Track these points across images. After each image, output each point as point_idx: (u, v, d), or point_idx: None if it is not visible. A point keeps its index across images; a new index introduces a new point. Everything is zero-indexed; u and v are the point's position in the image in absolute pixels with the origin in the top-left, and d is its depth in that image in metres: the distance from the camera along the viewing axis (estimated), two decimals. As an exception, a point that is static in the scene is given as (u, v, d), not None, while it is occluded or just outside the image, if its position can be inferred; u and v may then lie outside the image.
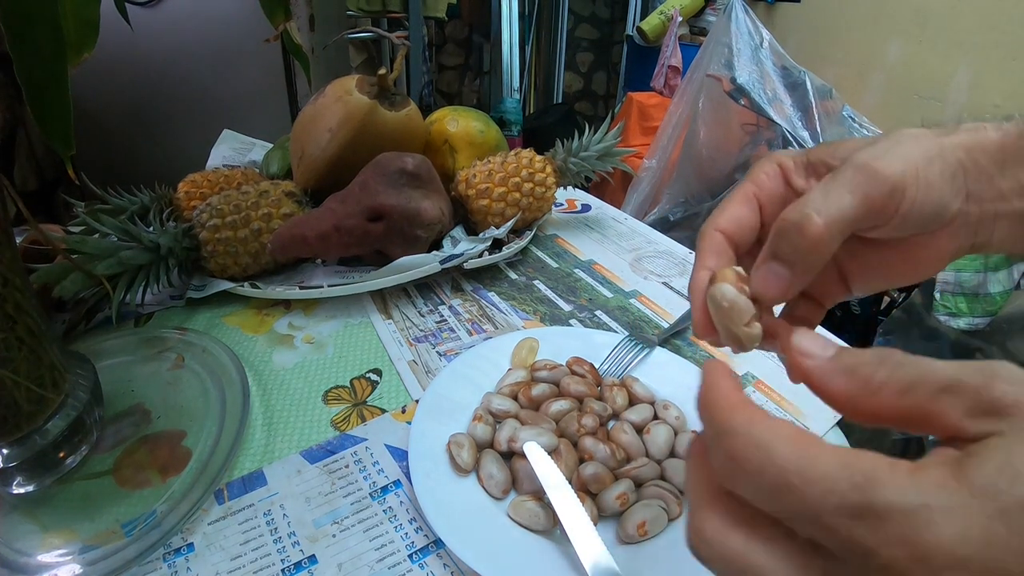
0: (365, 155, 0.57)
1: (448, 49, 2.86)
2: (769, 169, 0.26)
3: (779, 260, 0.22)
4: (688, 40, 2.11)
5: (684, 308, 0.55)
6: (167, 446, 0.39)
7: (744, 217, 0.25)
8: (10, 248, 0.33)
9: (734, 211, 0.25)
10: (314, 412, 0.43)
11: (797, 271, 0.22)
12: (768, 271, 0.22)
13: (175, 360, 0.46)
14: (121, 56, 1.01)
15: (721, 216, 0.25)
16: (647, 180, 1.78)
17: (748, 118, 1.54)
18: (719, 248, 0.25)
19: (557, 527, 0.33)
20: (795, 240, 0.21)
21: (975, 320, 1.11)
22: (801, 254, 0.21)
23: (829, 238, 0.21)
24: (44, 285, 0.45)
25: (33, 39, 0.28)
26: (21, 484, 0.35)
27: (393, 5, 1.80)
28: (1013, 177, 0.23)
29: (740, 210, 0.25)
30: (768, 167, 0.26)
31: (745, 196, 0.26)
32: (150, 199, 0.61)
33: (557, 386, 0.42)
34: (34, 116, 0.29)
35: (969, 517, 0.14)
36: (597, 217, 0.77)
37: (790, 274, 0.22)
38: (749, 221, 0.25)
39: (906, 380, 0.17)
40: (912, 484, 0.15)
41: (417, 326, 0.53)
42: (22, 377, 0.33)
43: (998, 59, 1.34)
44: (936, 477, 0.15)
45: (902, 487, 0.15)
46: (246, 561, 0.33)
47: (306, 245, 0.52)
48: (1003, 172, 0.23)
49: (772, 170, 0.26)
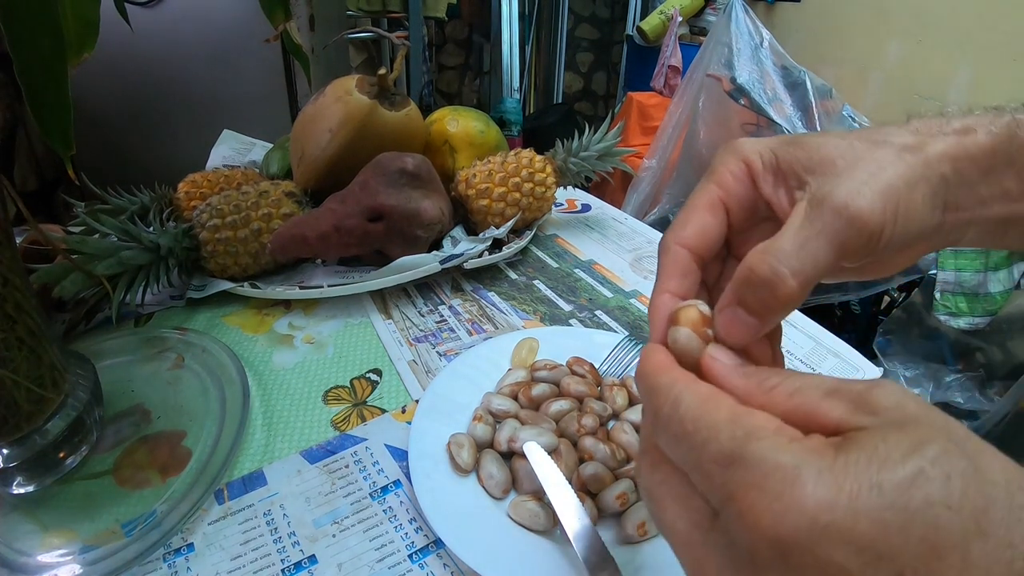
0: (365, 155, 0.57)
1: (448, 49, 2.86)
2: (735, 168, 0.24)
3: (746, 309, 0.21)
4: (688, 40, 2.11)
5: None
6: (167, 446, 0.39)
7: (710, 227, 0.24)
8: (10, 248, 0.33)
9: (699, 221, 0.24)
10: (314, 412, 0.43)
11: (765, 321, 0.21)
12: (735, 317, 0.21)
13: (175, 360, 0.46)
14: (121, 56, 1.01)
15: (685, 228, 0.24)
16: (647, 180, 1.78)
17: (748, 118, 1.54)
18: (683, 267, 0.23)
19: (557, 527, 0.33)
20: (764, 295, 0.20)
21: (975, 320, 1.11)
22: (769, 309, 0.21)
23: (801, 294, 0.20)
24: (44, 285, 0.45)
25: (33, 39, 0.28)
26: (21, 484, 0.35)
27: (393, 5, 1.81)
28: (996, 183, 0.22)
29: (706, 219, 0.24)
30: (734, 165, 0.24)
31: (711, 202, 0.24)
32: (150, 199, 0.61)
33: (557, 386, 0.42)
34: (34, 116, 0.29)
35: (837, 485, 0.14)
36: (597, 217, 0.77)
37: (758, 324, 0.21)
38: (715, 231, 0.24)
39: (795, 385, 0.18)
40: (789, 446, 0.16)
41: (417, 326, 0.53)
42: (22, 377, 0.33)
43: (998, 59, 1.34)
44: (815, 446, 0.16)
45: (777, 445, 0.16)
46: (246, 561, 0.33)
47: (306, 245, 0.52)
48: (987, 179, 0.23)
49: (739, 170, 0.24)
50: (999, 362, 1.09)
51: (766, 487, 0.15)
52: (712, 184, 0.24)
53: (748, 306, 0.21)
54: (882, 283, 1.25)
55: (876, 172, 0.21)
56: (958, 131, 0.23)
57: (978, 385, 1.09)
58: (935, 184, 0.22)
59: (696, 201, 0.24)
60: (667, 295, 0.23)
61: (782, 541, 0.15)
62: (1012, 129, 0.22)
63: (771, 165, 0.23)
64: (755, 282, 0.20)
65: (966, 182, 0.22)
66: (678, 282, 0.23)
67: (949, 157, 0.22)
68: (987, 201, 0.23)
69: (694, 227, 0.23)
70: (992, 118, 0.23)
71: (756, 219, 0.24)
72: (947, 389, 1.10)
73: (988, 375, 1.09)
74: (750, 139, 0.24)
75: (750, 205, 0.24)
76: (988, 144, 0.22)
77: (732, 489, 0.16)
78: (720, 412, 0.17)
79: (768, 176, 0.23)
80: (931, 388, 1.11)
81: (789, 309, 0.21)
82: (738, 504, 0.15)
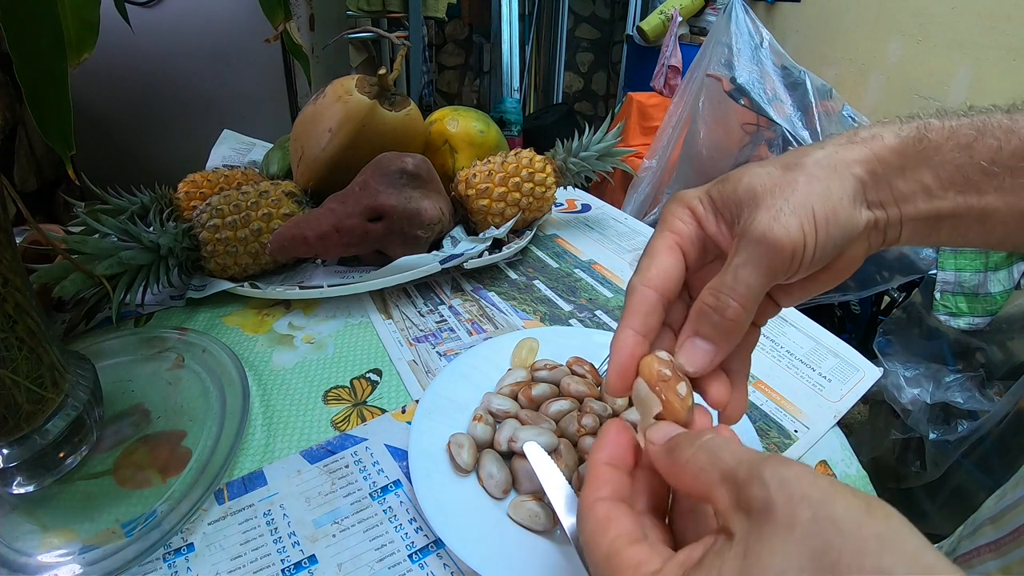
0: (365, 155, 0.57)
1: (448, 49, 2.86)
2: (682, 215, 0.27)
3: (703, 337, 0.25)
4: (688, 40, 2.11)
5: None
6: (167, 446, 0.39)
7: (671, 268, 0.26)
8: (10, 248, 0.33)
9: (661, 263, 0.26)
10: (314, 412, 0.43)
11: (721, 346, 0.25)
12: (694, 346, 0.25)
13: (175, 360, 0.46)
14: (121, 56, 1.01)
15: (650, 271, 0.26)
16: (647, 180, 1.78)
17: (748, 118, 1.54)
18: (648, 307, 0.26)
19: (557, 527, 0.33)
20: (715, 320, 0.24)
21: (975, 320, 1.11)
22: (722, 332, 0.24)
23: (746, 315, 0.24)
24: (44, 285, 0.45)
25: (33, 39, 0.28)
26: (21, 484, 0.35)
27: (393, 5, 1.81)
28: (913, 179, 0.24)
29: (667, 261, 0.26)
30: (680, 212, 0.27)
31: (668, 246, 0.27)
32: (150, 199, 0.61)
33: (557, 386, 0.42)
34: (34, 116, 0.29)
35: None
36: (597, 217, 0.77)
37: (715, 349, 0.25)
38: (675, 272, 0.26)
39: (698, 465, 0.20)
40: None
41: (417, 326, 0.53)
42: (22, 377, 0.33)
43: (998, 59, 1.34)
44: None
45: None
46: (246, 561, 0.33)
47: (306, 245, 0.52)
48: (902, 175, 0.25)
49: (685, 216, 0.27)
50: (999, 362, 1.09)
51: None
52: (666, 231, 0.27)
53: (704, 334, 0.25)
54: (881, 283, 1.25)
55: (789, 194, 0.24)
56: (866, 139, 0.25)
57: (978, 385, 1.09)
58: (851, 185, 0.24)
59: (654, 247, 0.27)
60: (629, 331, 0.25)
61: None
62: (920, 131, 0.25)
63: (710, 206, 0.26)
64: (706, 312, 0.24)
65: (881, 181, 0.25)
66: (641, 320, 0.25)
67: (858, 161, 0.25)
68: (908, 197, 0.25)
69: (656, 269, 0.26)
70: (900, 124, 0.25)
71: (708, 258, 0.28)
72: (947, 389, 1.10)
73: (988, 375, 1.09)
74: (690, 189, 0.27)
75: (700, 244, 0.27)
76: (896, 145, 0.25)
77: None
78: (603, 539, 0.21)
79: (710, 216, 0.26)
80: (931, 388, 1.11)
81: (738, 331, 0.24)
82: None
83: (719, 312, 0.24)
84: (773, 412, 0.45)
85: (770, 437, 0.43)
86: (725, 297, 0.24)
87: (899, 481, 1.16)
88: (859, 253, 0.26)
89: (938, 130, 0.24)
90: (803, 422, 0.44)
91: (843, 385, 0.48)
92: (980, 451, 1.02)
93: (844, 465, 0.41)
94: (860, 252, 0.26)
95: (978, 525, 0.40)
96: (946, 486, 1.08)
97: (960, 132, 0.24)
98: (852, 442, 0.43)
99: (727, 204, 0.26)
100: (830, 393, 0.47)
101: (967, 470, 1.04)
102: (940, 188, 0.24)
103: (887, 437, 1.20)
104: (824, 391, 0.47)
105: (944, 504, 1.09)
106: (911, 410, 1.12)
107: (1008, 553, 0.36)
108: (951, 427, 1.08)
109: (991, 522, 0.39)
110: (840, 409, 0.45)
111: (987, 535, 0.38)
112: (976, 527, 0.40)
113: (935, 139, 0.24)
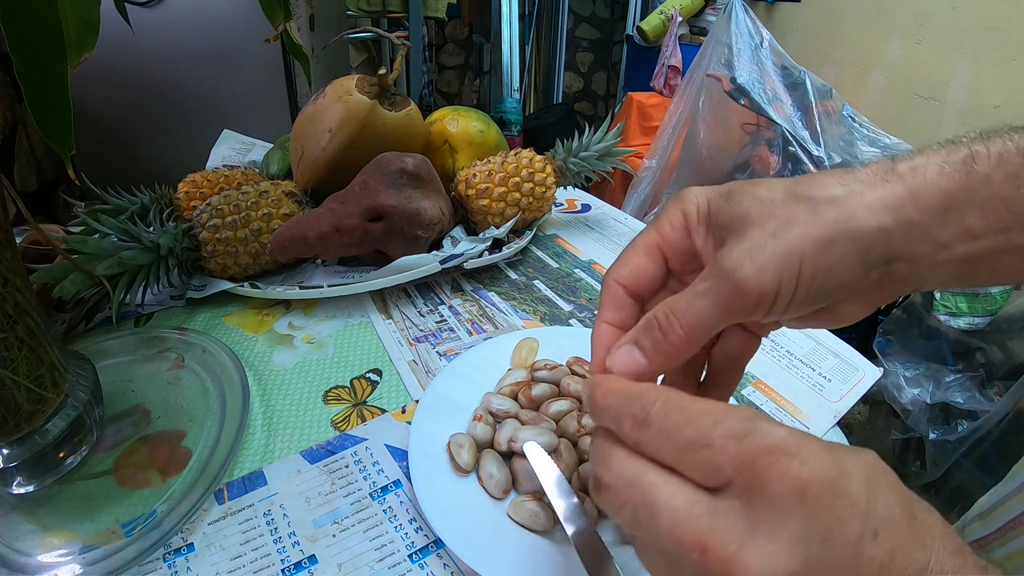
0: (365, 155, 0.57)
1: (448, 49, 2.86)
2: (674, 218, 0.25)
3: (640, 349, 0.23)
4: (688, 40, 2.11)
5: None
6: (167, 446, 0.39)
7: (645, 269, 0.25)
8: (10, 248, 0.33)
9: (635, 263, 0.25)
10: (314, 412, 0.43)
11: (654, 363, 0.23)
12: (628, 353, 0.23)
13: (175, 360, 0.46)
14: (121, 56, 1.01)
15: (623, 268, 0.26)
16: (647, 180, 1.78)
17: (748, 118, 1.54)
18: (619, 302, 0.25)
19: (557, 527, 0.33)
20: (657, 339, 0.23)
21: (975, 320, 1.11)
22: (660, 352, 0.23)
23: (688, 343, 0.22)
24: (44, 285, 0.45)
25: (33, 39, 0.28)
26: (21, 484, 0.35)
27: (393, 5, 1.81)
28: (956, 223, 0.21)
29: (642, 262, 0.25)
30: (674, 215, 0.25)
31: (648, 247, 0.25)
32: (150, 199, 0.61)
33: (557, 386, 0.42)
34: (34, 116, 0.29)
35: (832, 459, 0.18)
36: (597, 217, 0.77)
37: (647, 363, 0.23)
38: (650, 273, 0.25)
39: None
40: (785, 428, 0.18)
41: (417, 326, 0.53)
42: (22, 377, 0.33)
43: (998, 59, 1.34)
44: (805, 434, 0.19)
45: (777, 427, 0.18)
46: (246, 561, 0.33)
47: (306, 245, 0.52)
48: (944, 220, 0.21)
49: (677, 220, 0.25)
50: (999, 362, 1.09)
51: (786, 448, 0.17)
52: (652, 231, 0.26)
53: (643, 347, 0.23)
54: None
55: (781, 230, 0.21)
56: (904, 174, 0.22)
57: (978, 385, 1.09)
58: (866, 238, 0.21)
59: (636, 243, 0.26)
60: (605, 325, 0.25)
61: (804, 487, 0.17)
62: (968, 164, 0.21)
63: (704, 217, 0.24)
64: (651, 327, 0.23)
65: (916, 228, 0.21)
66: (615, 314, 0.25)
67: (888, 207, 0.21)
68: (948, 244, 0.21)
69: (630, 268, 0.25)
70: (946, 155, 0.22)
71: (695, 264, 0.25)
72: (947, 389, 1.10)
73: (988, 375, 1.09)
74: (696, 188, 0.25)
75: (685, 252, 0.25)
76: (941, 184, 0.21)
77: (754, 453, 0.18)
78: (719, 404, 0.19)
79: (700, 228, 0.24)
80: (931, 388, 1.11)
81: (677, 356, 0.23)
82: (762, 462, 0.17)
83: (663, 332, 0.22)
84: (773, 412, 0.45)
85: (770, 437, 0.43)
86: (673, 320, 0.22)
87: (899, 481, 1.16)
88: (868, 304, 0.24)
89: (985, 159, 0.21)
90: (803, 422, 0.44)
91: (843, 385, 0.48)
92: (980, 451, 1.02)
93: (844, 465, 0.41)
94: (870, 303, 0.24)
95: (968, 522, 0.40)
96: (946, 486, 1.09)
97: (1008, 159, 0.21)
98: (852, 442, 0.43)
99: (720, 222, 0.23)
100: (830, 393, 0.47)
101: (967, 470, 1.04)
102: (984, 228, 0.21)
103: (887, 437, 1.20)
104: (824, 391, 0.47)
105: (944, 504, 1.09)
106: (911, 410, 1.12)
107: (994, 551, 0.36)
108: (951, 427, 1.08)
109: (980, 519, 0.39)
110: (840, 409, 0.45)
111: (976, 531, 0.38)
112: (966, 524, 0.40)
113: (983, 170, 0.21)
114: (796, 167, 1.43)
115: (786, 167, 1.45)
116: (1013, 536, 0.35)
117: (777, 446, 0.17)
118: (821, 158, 1.41)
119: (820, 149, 1.42)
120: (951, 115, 1.45)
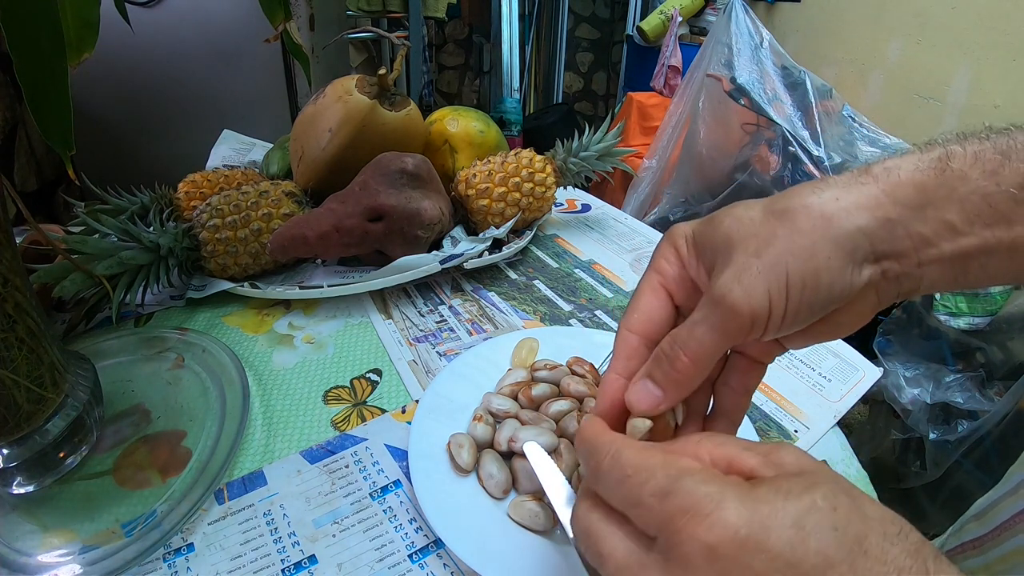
0: (365, 155, 0.57)
1: (448, 49, 2.87)
2: (668, 254, 0.26)
3: (653, 382, 0.24)
4: (688, 40, 2.11)
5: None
6: (167, 446, 0.39)
7: (653, 310, 0.26)
8: (10, 248, 0.33)
9: (642, 306, 0.26)
10: (314, 412, 0.43)
11: (669, 394, 0.24)
12: (643, 388, 0.24)
13: (175, 360, 0.46)
14: (121, 56, 1.01)
15: (631, 315, 0.26)
16: (647, 180, 1.78)
17: (748, 118, 1.54)
18: (629, 351, 0.26)
19: (557, 527, 0.33)
20: (667, 370, 0.24)
21: (975, 320, 1.11)
22: (671, 382, 0.24)
23: (696, 371, 0.23)
24: (44, 285, 0.45)
25: (33, 39, 0.28)
26: (21, 484, 0.35)
27: (393, 5, 1.81)
28: (936, 218, 0.22)
29: (650, 304, 0.26)
30: (667, 252, 0.26)
31: (652, 288, 0.26)
32: (150, 199, 0.61)
33: (557, 386, 0.42)
34: (34, 116, 0.29)
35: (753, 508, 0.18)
36: (597, 217, 0.77)
37: (662, 395, 0.24)
38: (659, 313, 0.26)
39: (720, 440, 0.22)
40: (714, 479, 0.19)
41: (417, 326, 0.53)
42: (22, 377, 0.33)
43: (998, 59, 1.34)
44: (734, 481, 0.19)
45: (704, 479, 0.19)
46: (246, 561, 0.33)
47: (306, 245, 0.52)
48: (923, 216, 0.22)
49: (671, 255, 0.26)
50: (999, 362, 1.09)
51: (698, 509, 0.18)
52: (651, 272, 0.26)
53: (655, 379, 0.24)
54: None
55: (764, 248, 0.22)
56: (878, 175, 0.22)
57: (978, 385, 1.09)
58: (847, 240, 0.22)
59: (640, 288, 0.27)
60: (613, 375, 0.26)
61: (712, 549, 0.17)
62: (944, 162, 0.22)
63: (692, 246, 0.25)
64: (660, 359, 0.24)
65: (896, 224, 0.22)
66: (624, 364, 0.26)
67: (864, 206, 0.22)
68: (930, 239, 0.22)
69: (638, 313, 0.26)
70: (920, 155, 0.22)
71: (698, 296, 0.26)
72: (947, 389, 1.10)
73: (988, 375, 1.09)
74: (682, 224, 0.26)
75: (686, 285, 0.26)
76: (916, 179, 0.22)
77: (670, 514, 0.19)
78: (655, 458, 0.20)
79: (692, 259, 0.25)
80: (931, 388, 1.11)
81: (688, 383, 0.24)
82: (675, 524, 0.18)
83: (670, 363, 0.23)
84: (773, 412, 0.45)
85: (770, 437, 0.42)
86: (677, 349, 0.23)
87: (899, 481, 1.16)
88: (865, 309, 0.24)
89: (961, 157, 0.22)
90: (803, 422, 0.44)
91: (843, 385, 0.48)
92: (980, 451, 1.02)
93: (844, 465, 0.41)
94: (867, 308, 0.24)
95: (964, 522, 0.40)
96: (946, 486, 1.08)
97: (985, 157, 0.21)
98: (852, 442, 0.43)
99: (706, 249, 0.24)
100: (830, 393, 0.47)
101: (967, 470, 1.04)
102: (966, 224, 0.21)
103: (887, 437, 1.20)
104: (824, 391, 0.47)
105: (944, 504, 1.09)
106: (911, 410, 1.12)
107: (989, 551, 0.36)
108: (951, 427, 1.08)
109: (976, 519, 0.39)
110: (840, 409, 0.46)
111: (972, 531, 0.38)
112: (963, 525, 0.40)
113: (959, 167, 0.21)
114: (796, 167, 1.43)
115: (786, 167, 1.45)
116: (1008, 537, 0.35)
117: (691, 507, 0.18)
118: (821, 158, 1.41)
119: (820, 149, 1.42)
120: (951, 115, 1.45)
